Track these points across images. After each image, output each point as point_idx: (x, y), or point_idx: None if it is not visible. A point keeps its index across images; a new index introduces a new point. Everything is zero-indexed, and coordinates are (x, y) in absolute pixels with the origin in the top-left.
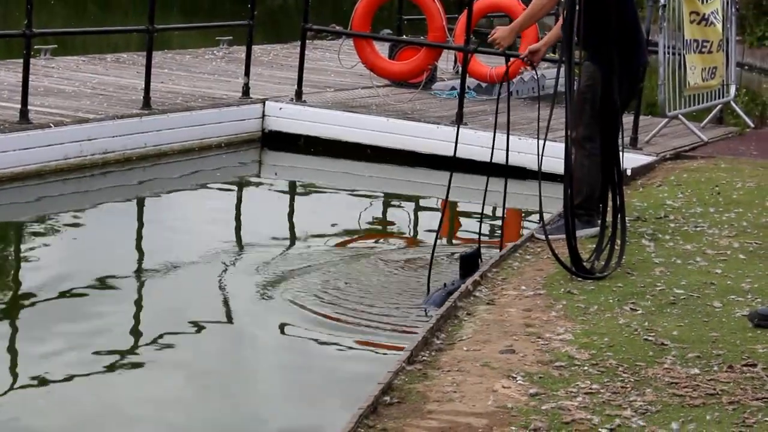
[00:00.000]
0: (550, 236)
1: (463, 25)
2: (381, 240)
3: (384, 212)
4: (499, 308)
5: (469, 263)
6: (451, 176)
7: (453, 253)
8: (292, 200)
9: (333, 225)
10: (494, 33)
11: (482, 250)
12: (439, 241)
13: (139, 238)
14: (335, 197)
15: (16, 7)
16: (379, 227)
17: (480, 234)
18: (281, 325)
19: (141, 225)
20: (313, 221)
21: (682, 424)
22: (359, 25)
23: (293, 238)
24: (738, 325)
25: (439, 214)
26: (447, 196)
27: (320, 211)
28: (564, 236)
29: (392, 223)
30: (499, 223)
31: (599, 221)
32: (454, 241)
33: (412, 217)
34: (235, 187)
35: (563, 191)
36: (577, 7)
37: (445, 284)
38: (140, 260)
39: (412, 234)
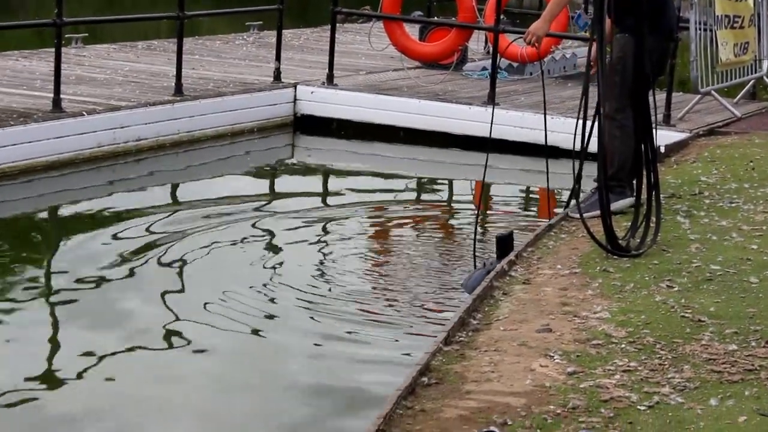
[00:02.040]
0: (585, 213)
1: (493, 5)
2: (416, 221)
3: (418, 194)
4: (535, 287)
5: (505, 244)
6: (487, 157)
7: (489, 234)
8: (325, 184)
9: (368, 208)
10: (529, 30)
11: (516, 230)
12: (473, 222)
13: (173, 224)
14: (369, 180)
15: None
16: (414, 209)
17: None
18: (316, 307)
19: (175, 211)
20: (347, 204)
21: (720, 400)
22: (389, 7)
23: (327, 222)
24: None
25: (473, 195)
26: (484, 177)
27: (354, 194)
28: (599, 213)
29: (427, 205)
30: (533, 202)
31: (632, 193)
32: (490, 221)
33: (447, 198)
34: (268, 172)
35: (597, 168)
36: None
37: (484, 263)
38: (174, 247)
39: (447, 215)
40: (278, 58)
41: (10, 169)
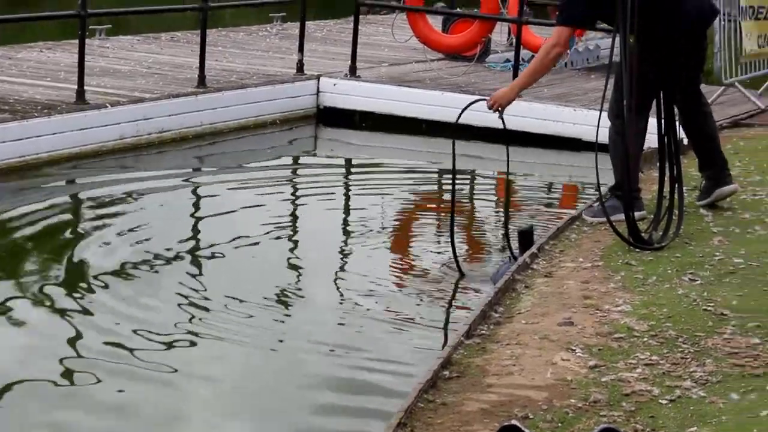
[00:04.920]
0: (592, 218)
1: None
2: (439, 214)
3: (440, 186)
4: (557, 281)
5: (526, 237)
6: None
7: (511, 227)
8: (347, 176)
9: (391, 200)
10: (493, 96)
11: (539, 224)
12: (497, 215)
13: (196, 217)
14: (391, 172)
15: None
16: (437, 202)
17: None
18: (338, 300)
19: (197, 203)
20: (369, 196)
21: (742, 394)
22: None
23: (350, 214)
24: None
25: (495, 187)
26: (507, 170)
27: (376, 186)
28: (604, 219)
29: (450, 197)
30: (556, 195)
31: (637, 205)
32: (513, 214)
33: (470, 190)
34: (291, 164)
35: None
36: None
37: (510, 258)
38: (197, 238)
39: (471, 208)
40: (301, 49)
41: (34, 161)
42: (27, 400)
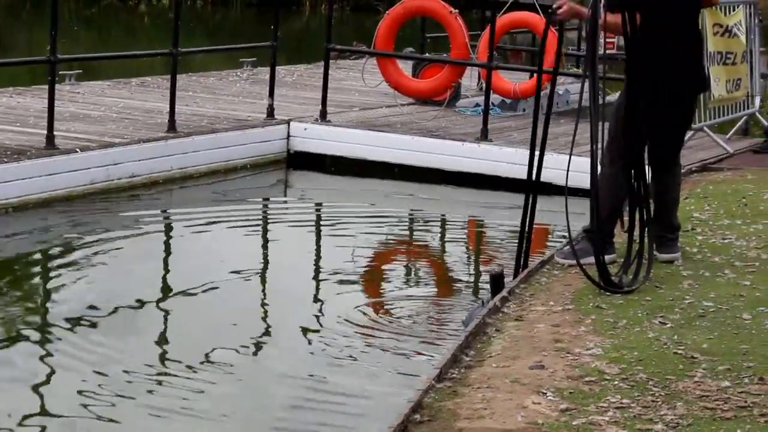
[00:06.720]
0: (563, 260)
1: (486, 42)
2: (410, 259)
3: (411, 231)
4: (527, 324)
5: (499, 281)
6: (537, 198)
7: (483, 272)
8: (318, 220)
9: (362, 244)
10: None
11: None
12: (468, 259)
13: (167, 261)
14: (362, 217)
15: (40, 34)
16: (408, 245)
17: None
18: (310, 343)
19: (168, 248)
20: (341, 241)
21: None
22: (382, 44)
23: (321, 259)
24: None
25: (466, 231)
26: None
27: (348, 230)
28: (574, 261)
29: (421, 242)
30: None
31: (608, 248)
32: (483, 259)
33: (441, 234)
34: (261, 209)
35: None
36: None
37: (483, 302)
38: (167, 284)
39: (441, 252)
40: (271, 94)
41: (3, 206)
42: None
